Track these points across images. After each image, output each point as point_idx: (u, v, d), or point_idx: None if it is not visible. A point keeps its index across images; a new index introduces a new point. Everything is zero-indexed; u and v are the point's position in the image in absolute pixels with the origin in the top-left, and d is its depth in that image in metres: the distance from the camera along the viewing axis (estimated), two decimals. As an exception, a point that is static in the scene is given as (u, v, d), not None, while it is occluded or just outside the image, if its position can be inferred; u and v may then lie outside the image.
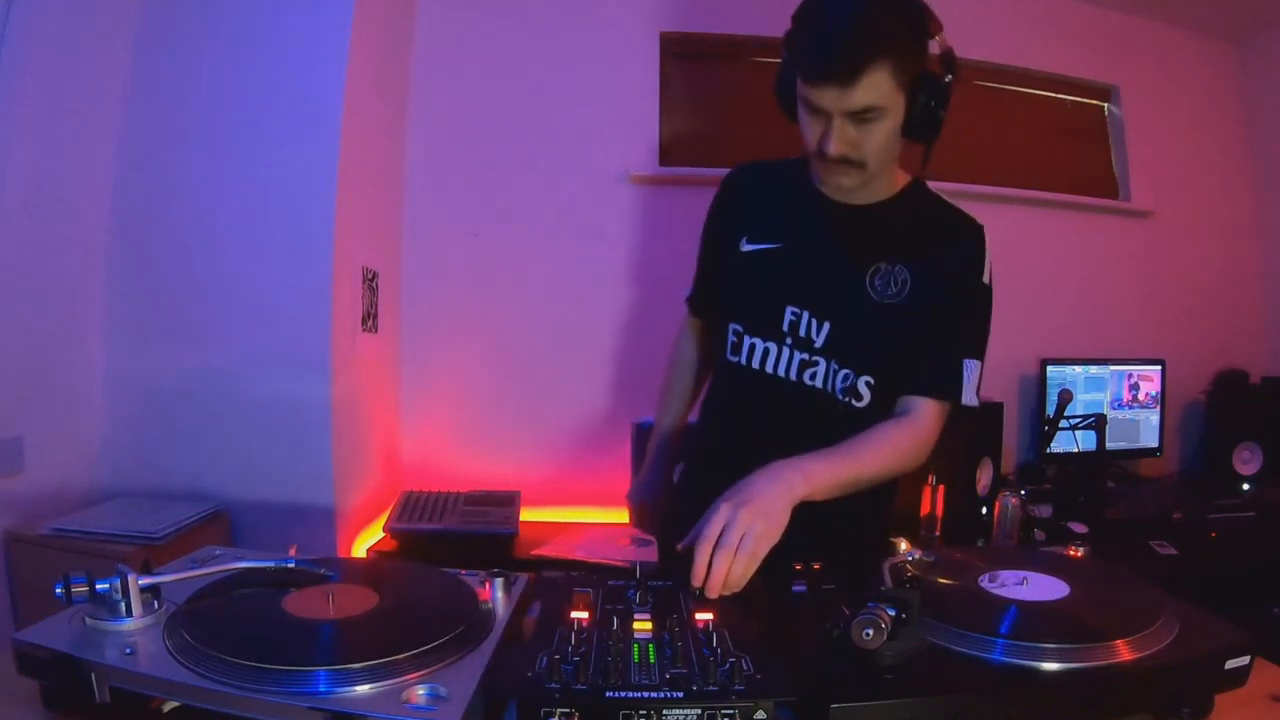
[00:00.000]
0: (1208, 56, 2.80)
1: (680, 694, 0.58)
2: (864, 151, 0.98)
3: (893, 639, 0.62)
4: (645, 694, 0.58)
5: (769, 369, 1.09)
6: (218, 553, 0.87)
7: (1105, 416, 2.34)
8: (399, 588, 0.79)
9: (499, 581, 0.77)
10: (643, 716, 0.57)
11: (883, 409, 1.06)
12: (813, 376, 1.07)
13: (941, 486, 1.98)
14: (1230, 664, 0.65)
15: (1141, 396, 2.53)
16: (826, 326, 1.06)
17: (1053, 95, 2.66)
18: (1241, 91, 2.83)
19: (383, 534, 1.89)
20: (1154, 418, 2.55)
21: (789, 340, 1.07)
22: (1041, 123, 2.66)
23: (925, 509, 1.99)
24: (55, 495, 1.58)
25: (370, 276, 1.96)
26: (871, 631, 0.61)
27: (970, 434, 2.16)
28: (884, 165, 1.05)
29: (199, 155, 1.74)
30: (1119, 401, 2.50)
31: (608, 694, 0.58)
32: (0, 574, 1.46)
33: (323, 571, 0.79)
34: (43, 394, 1.57)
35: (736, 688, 0.59)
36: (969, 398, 1.06)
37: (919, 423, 1.04)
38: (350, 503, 1.84)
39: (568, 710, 0.57)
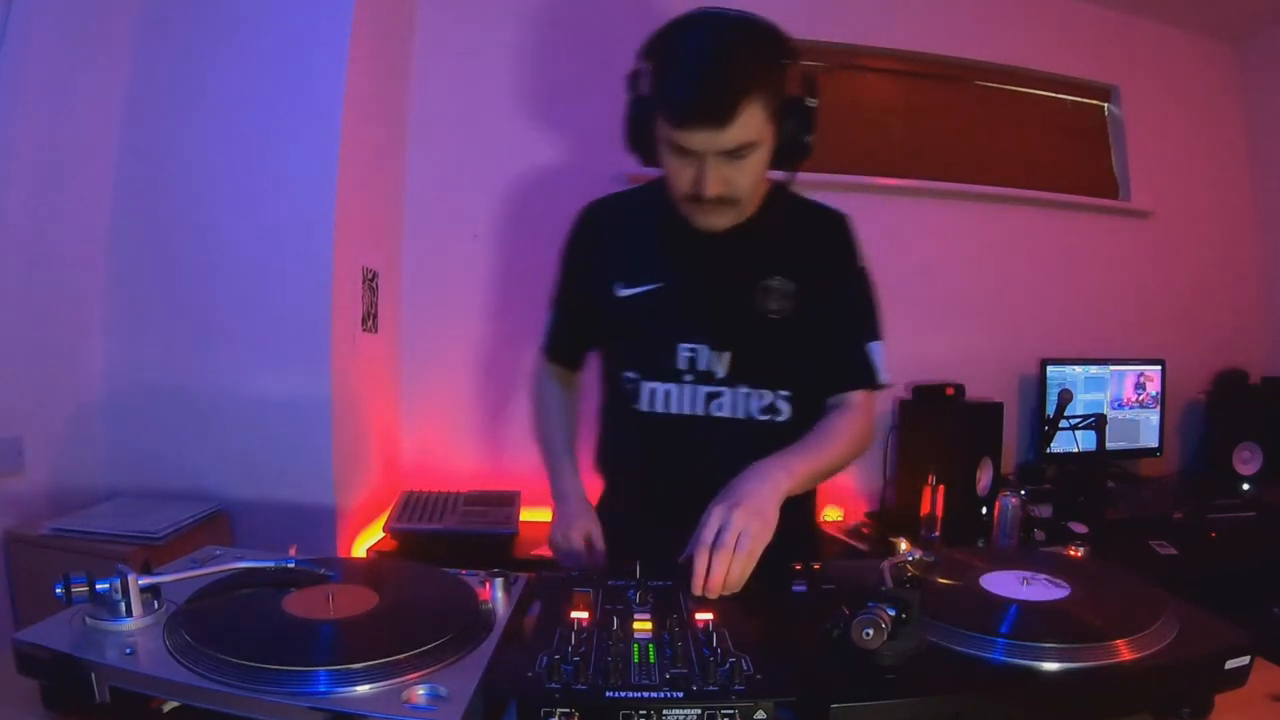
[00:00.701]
0: (1208, 56, 2.80)
1: (680, 694, 0.58)
2: (739, 188, 0.96)
3: (893, 639, 0.62)
4: (645, 694, 0.58)
5: (673, 409, 1.06)
6: (218, 553, 0.87)
7: (1105, 416, 2.34)
8: (399, 588, 0.79)
9: (499, 581, 0.77)
10: (643, 716, 0.57)
11: (804, 416, 1.08)
12: (719, 407, 1.05)
13: (941, 486, 1.99)
14: (1230, 664, 0.65)
15: (1142, 397, 2.53)
16: (727, 356, 1.05)
17: (1053, 95, 2.66)
18: (1241, 91, 2.83)
19: (383, 534, 1.89)
20: (1154, 418, 2.55)
21: (688, 377, 1.05)
22: (1041, 123, 2.66)
23: (925, 509, 1.99)
24: (55, 495, 1.58)
25: (370, 276, 1.96)
26: (871, 631, 0.61)
27: (970, 434, 2.17)
28: (751, 199, 1.03)
29: (199, 155, 1.74)
30: (1119, 401, 2.50)
31: (608, 694, 0.58)
32: (0, 574, 1.46)
33: (323, 571, 0.79)
34: (43, 394, 1.57)
35: (736, 688, 0.59)
36: (884, 378, 1.10)
37: (857, 406, 1.07)
38: (350, 503, 1.84)
39: (568, 710, 0.57)
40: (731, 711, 0.57)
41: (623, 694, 0.58)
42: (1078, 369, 2.45)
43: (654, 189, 1.12)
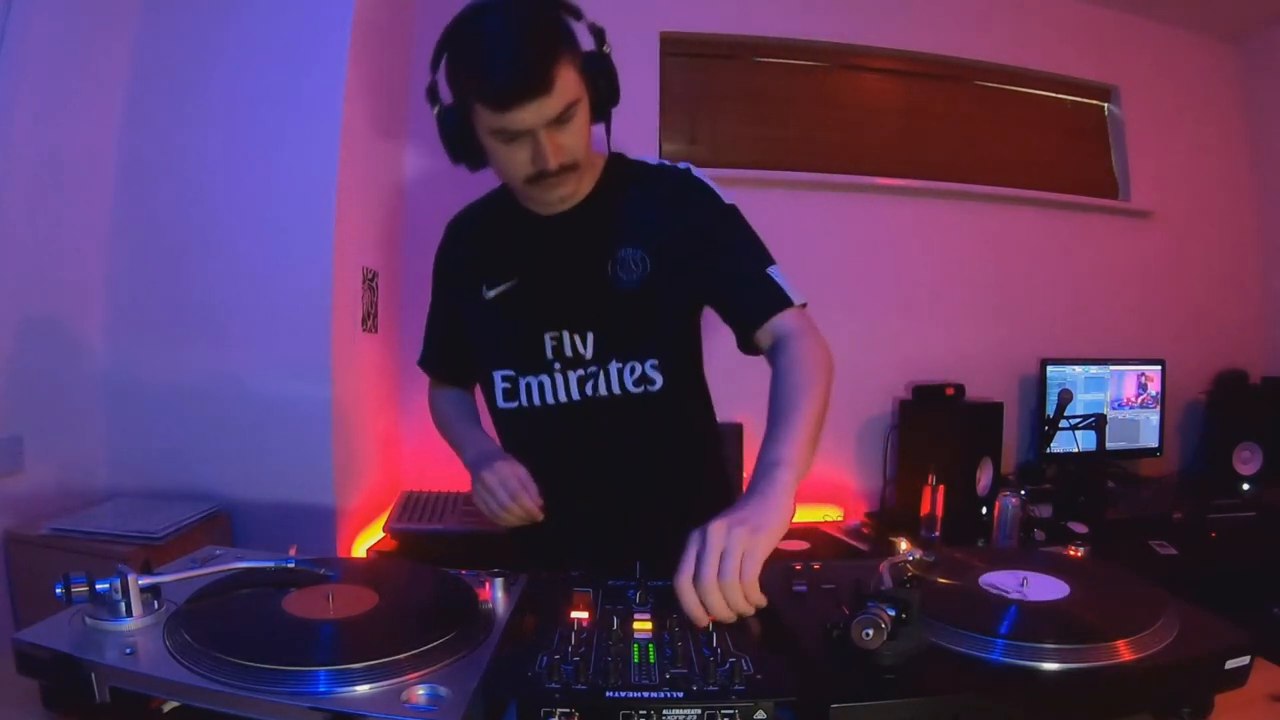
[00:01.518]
0: (1208, 56, 2.80)
1: (680, 694, 0.58)
2: (575, 151, 0.97)
3: (893, 639, 0.62)
4: (645, 694, 0.58)
5: (549, 400, 1.07)
6: (218, 553, 0.87)
7: (1105, 416, 2.34)
8: (399, 588, 0.79)
9: (499, 581, 0.77)
10: (643, 716, 0.57)
11: (676, 383, 1.07)
12: (594, 388, 1.06)
13: (941, 486, 1.99)
14: (1230, 664, 0.65)
15: (1142, 397, 2.53)
16: (590, 336, 1.05)
17: (1053, 95, 2.67)
18: (1241, 91, 2.83)
19: (383, 534, 1.89)
20: (1154, 418, 2.55)
21: (557, 365, 1.06)
22: (1041, 123, 2.66)
23: (925, 509, 1.99)
24: (55, 495, 1.58)
25: (370, 276, 1.96)
26: (871, 631, 0.61)
27: (970, 434, 2.17)
28: (589, 156, 1.03)
29: (200, 155, 1.74)
30: (1119, 401, 2.50)
31: (608, 694, 0.58)
32: (0, 574, 1.46)
33: (323, 571, 0.79)
34: (43, 394, 1.57)
35: (736, 688, 0.59)
36: (797, 297, 1.02)
37: (798, 331, 0.99)
38: (350, 503, 1.84)
39: (568, 710, 0.57)
40: (731, 711, 0.57)
41: (623, 694, 0.58)
42: (1078, 369, 2.45)
43: (501, 192, 1.13)
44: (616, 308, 1.04)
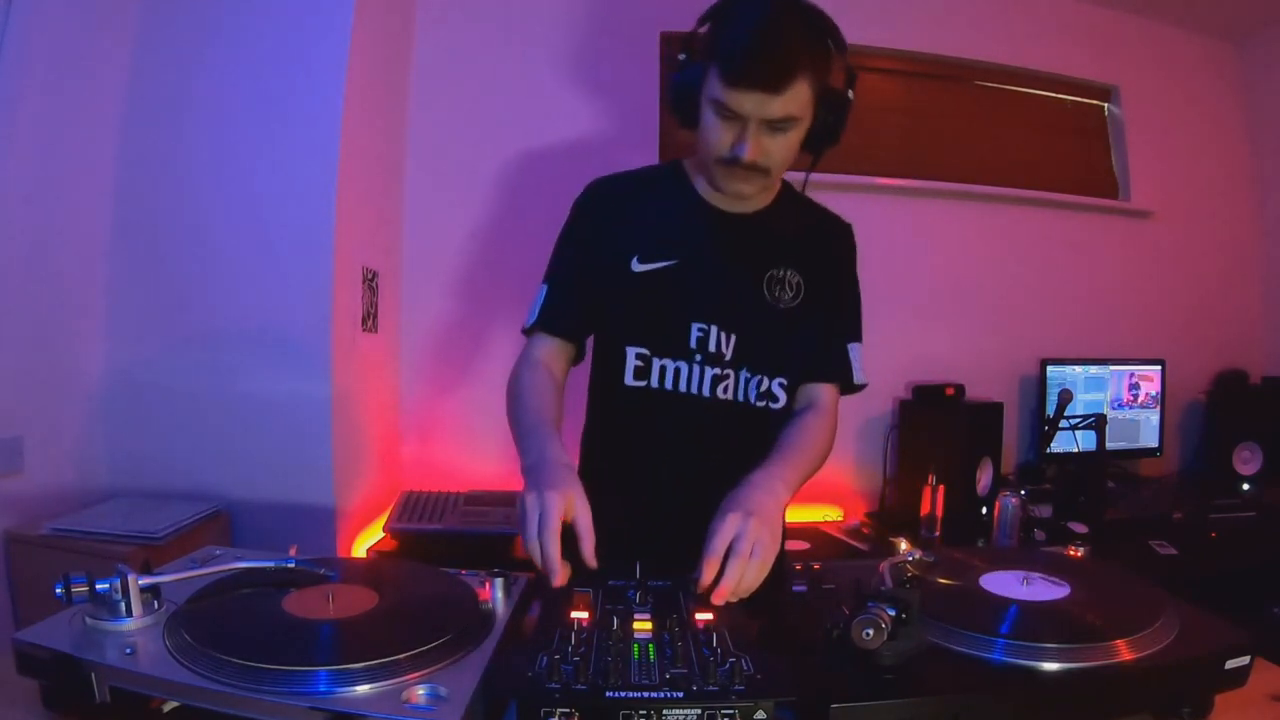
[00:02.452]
0: (1208, 56, 2.80)
1: (680, 694, 0.58)
2: (773, 160, 0.99)
3: (893, 639, 0.62)
4: (645, 694, 0.58)
5: (681, 388, 1.07)
6: (218, 553, 0.87)
7: (1105, 416, 2.34)
8: (399, 588, 0.79)
9: (499, 581, 0.77)
10: (643, 716, 0.57)
11: (790, 405, 1.12)
12: (725, 389, 1.07)
13: (941, 486, 1.99)
14: (1230, 664, 0.65)
15: (1141, 397, 2.53)
16: (734, 339, 1.07)
17: (1053, 95, 2.67)
18: (1241, 91, 2.83)
19: (383, 534, 1.89)
20: (1154, 418, 2.55)
21: (699, 357, 1.07)
22: (1041, 123, 2.66)
23: (925, 509, 1.99)
24: (55, 495, 1.58)
25: (370, 276, 1.96)
26: (871, 631, 0.61)
27: (970, 434, 2.17)
28: (781, 174, 1.07)
29: (200, 155, 1.74)
30: (1119, 401, 2.50)
31: (608, 694, 0.58)
32: (0, 574, 1.46)
33: (323, 571, 0.79)
34: (43, 394, 1.57)
35: (736, 688, 0.59)
36: (859, 377, 1.14)
37: (827, 409, 1.11)
38: (350, 503, 1.84)
39: (568, 710, 0.57)
40: (731, 711, 0.57)
41: (623, 694, 0.58)
42: (1078, 369, 2.45)
43: (662, 170, 1.15)
44: (766, 319, 1.08)
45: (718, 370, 1.07)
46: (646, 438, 1.10)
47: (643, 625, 0.70)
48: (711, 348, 1.07)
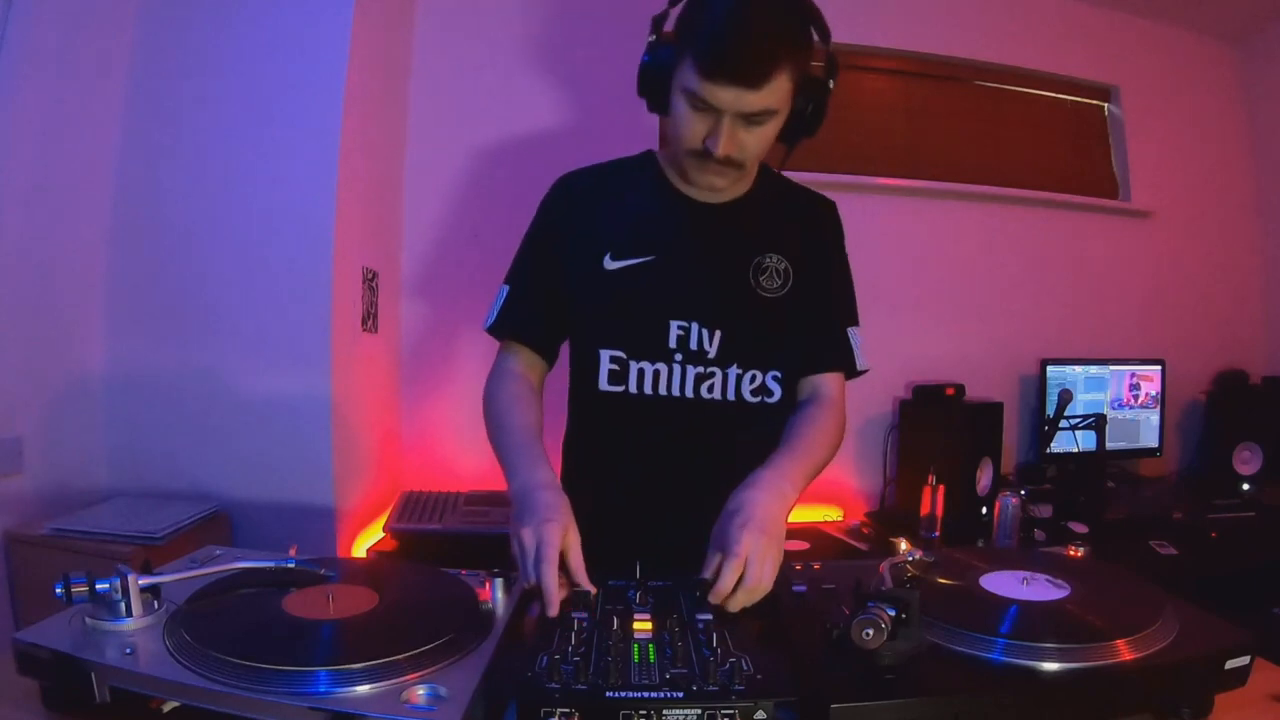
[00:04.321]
0: (1208, 56, 2.80)
1: (680, 694, 0.58)
2: (747, 153, 0.94)
3: (893, 639, 0.62)
4: (645, 694, 0.58)
5: (661, 391, 1.01)
6: (218, 553, 0.87)
7: (1105, 416, 2.34)
8: (399, 588, 0.79)
9: (499, 581, 0.77)
10: (643, 716, 0.57)
11: (791, 398, 1.07)
12: (711, 389, 1.02)
13: (941, 486, 1.99)
14: (1230, 664, 0.65)
15: (1141, 397, 2.53)
16: (718, 335, 1.01)
17: (1053, 95, 2.67)
18: (1241, 91, 2.83)
19: (383, 534, 1.89)
20: (1154, 418, 2.55)
21: (679, 356, 1.01)
22: (1041, 123, 2.66)
23: (925, 509, 1.99)
24: (55, 495, 1.58)
25: (370, 276, 1.96)
26: (871, 631, 0.61)
27: (970, 434, 2.17)
28: (755, 165, 1.03)
29: (200, 155, 1.73)
30: (1119, 401, 2.50)
31: (608, 694, 0.58)
32: (0, 574, 1.46)
33: (323, 571, 0.79)
34: (43, 394, 1.57)
35: (736, 688, 0.59)
36: (861, 363, 1.09)
37: (834, 400, 1.06)
38: (350, 503, 1.84)
39: (568, 710, 0.57)
40: (731, 711, 0.57)
41: (623, 694, 0.58)
42: (1078, 369, 2.45)
43: (634, 163, 1.09)
44: (754, 313, 1.03)
45: (701, 369, 1.01)
46: (626, 445, 1.05)
47: (643, 625, 0.70)
48: (693, 346, 1.01)
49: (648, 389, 1.02)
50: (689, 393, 1.02)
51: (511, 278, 1.09)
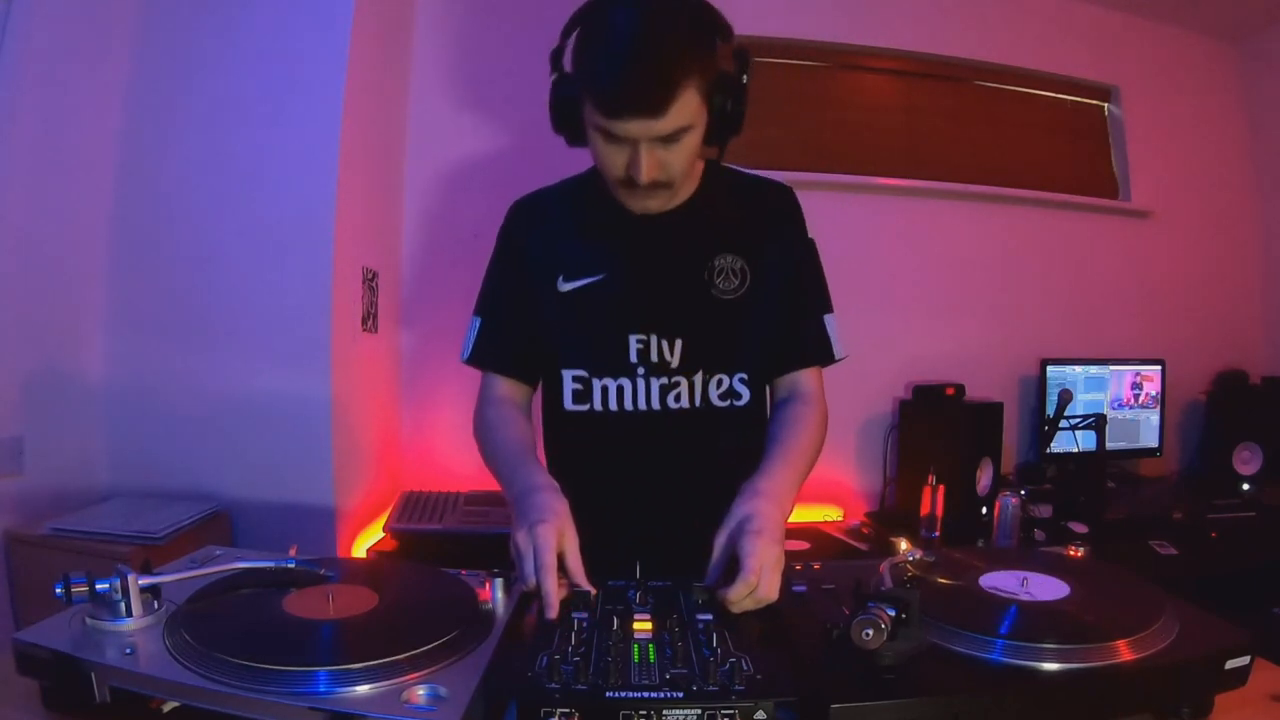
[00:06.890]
0: (1208, 56, 2.80)
1: (680, 694, 0.58)
2: (673, 171, 0.92)
3: (893, 639, 0.62)
4: (645, 694, 0.58)
5: (627, 406, 1.01)
6: (218, 553, 0.87)
7: (1105, 416, 2.34)
8: (399, 588, 0.79)
9: (499, 581, 0.77)
10: (643, 716, 0.57)
11: (761, 398, 1.06)
12: (678, 398, 1.01)
13: (941, 486, 1.99)
14: (1230, 664, 0.65)
15: (1142, 397, 2.53)
16: (679, 344, 1.00)
17: (1053, 95, 2.67)
18: (1241, 91, 2.83)
19: (383, 534, 1.89)
20: (1154, 418, 2.55)
21: (641, 370, 1.00)
22: (1041, 123, 2.66)
23: (925, 509, 1.99)
24: (55, 495, 1.58)
25: (370, 276, 1.96)
26: (871, 631, 0.61)
27: (970, 434, 2.17)
28: (686, 178, 0.99)
29: (199, 155, 1.74)
30: (1119, 401, 2.50)
31: (608, 694, 0.58)
32: (0, 574, 1.46)
33: (323, 571, 0.79)
34: (43, 394, 1.57)
35: (736, 688, 0.59)
36: (839, 351, 1.06)
37: (814, 395, 1.04)
38: (350, 503, 1.84)
39: (568, 710, 0.57)
40: (731, 711, 0.57)
41: (623, 694, 0.58)
42: (1078, 369, 2.45)
43: (584, 180, 1.08)
44: (713, 317, 1.01)
45: (665, 380, 1.00)
46: (597, 463, 1.04)
47: (643, 625, 0.70)
48: (654, 358, 1.00)
49: (613, 405, 1.02)
50: (655, 405, 1.01)
51: (481, 309, 1.11)
